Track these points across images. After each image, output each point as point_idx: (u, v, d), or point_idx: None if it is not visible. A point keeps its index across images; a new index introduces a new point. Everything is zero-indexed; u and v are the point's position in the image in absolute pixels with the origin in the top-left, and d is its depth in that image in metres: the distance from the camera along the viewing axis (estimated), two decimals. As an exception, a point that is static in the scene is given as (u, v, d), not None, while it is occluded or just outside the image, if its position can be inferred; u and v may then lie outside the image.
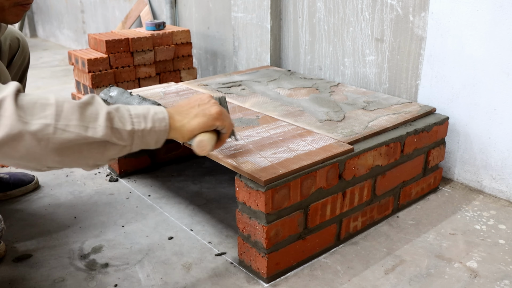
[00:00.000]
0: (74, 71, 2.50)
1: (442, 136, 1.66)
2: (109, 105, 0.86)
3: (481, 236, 1.46)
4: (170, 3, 3.13)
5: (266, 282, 1.24)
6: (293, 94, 1.81)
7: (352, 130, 1.45)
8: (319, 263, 1.32)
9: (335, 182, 1.31)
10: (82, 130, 0.80)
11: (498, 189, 1.69)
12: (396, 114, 1.60)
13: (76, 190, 1.76)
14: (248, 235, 1.24)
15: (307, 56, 2.26)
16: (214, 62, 2.97)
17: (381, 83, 1.96)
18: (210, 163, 1.95)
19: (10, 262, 1.33)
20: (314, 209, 1.28)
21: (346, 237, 1.42)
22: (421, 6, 1.74)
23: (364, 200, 1.43)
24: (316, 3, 2.14)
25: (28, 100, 0.78)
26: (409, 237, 1.45)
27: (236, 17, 2.49)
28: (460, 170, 1.79)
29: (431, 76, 1.77)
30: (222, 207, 1.63)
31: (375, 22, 1.92)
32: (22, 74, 1.65)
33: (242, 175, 1.20)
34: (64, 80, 3.45)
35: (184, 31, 2.62)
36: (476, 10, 1.59)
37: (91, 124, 0.82)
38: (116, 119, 0.85)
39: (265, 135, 1.40)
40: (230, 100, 1.72)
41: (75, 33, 4.59)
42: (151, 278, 1.26)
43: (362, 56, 2.00)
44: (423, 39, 1.77)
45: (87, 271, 1.30)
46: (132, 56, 2.44)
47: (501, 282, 1.25)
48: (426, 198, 1.69)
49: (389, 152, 1.45)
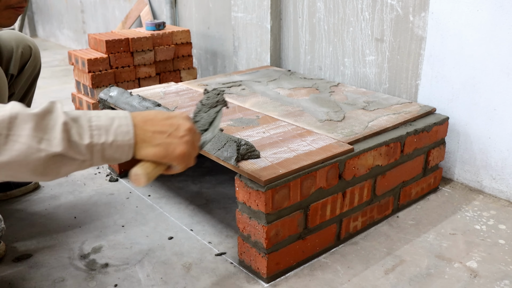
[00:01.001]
0: (74, 71, 2.50)
1: (442, 136, 1.66)
2: (71, 113, 0.78)
3: (481, 236, 1.46)
4: (170, 3, 3.13)
5: (266, 282, 1.24)
6: (293, 94, 1.81)
7: (352, 130, 1.45)
8: (319, 263, 1.32)
9: (335, 182, 1.31)
10: (35, 142, 0.72)
11: (498, 189, 1.69)
12: (396, 114, 1.60)
13: (76, 190, 1.76)
14: (248, 235, 1.24)
15: (307, 56, 2.26)
16: (214, 62, 2.97)
17: (381, 83, 1.96)
18: (210, 163, 1.95)
19: (10, 262, 1.33)
20: (314, 209, 1.28)
21: (346, 237, 1.42)
22: (421, 6, 1.74)
23: (364, 200, 1.43)
24: (316, 3, 2.14)
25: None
26: (409, 237, 1.45)
27: (236, 17, 2.49)
28: (460, 170, 1.79)
29: (431, 76, 1.77)
30: (222, 207, 1.63)
31: (375, 22, 1.92)
32: (31, 82, 1.66)
33: (242, 175, 1.20)
34: (64, 80, 3.45)
35: (184, 31, 2.62)
36: (476, 10, 1.59)
37: (46, 135, 0.74)
38: (73, 131, 0.76)
39: (265, 135, 1.40)
40: (230, 100, 1.72)
41: (75, 33, 4.59)
42: (151, 278, 1.26)
43: (362, 56, 2.00)
44: (423, 39, 1.77)
45: (87, 271, 1.30)
46: (132, 56, 2.44)
47: (501, 282, 1.25)
48: (426, 198, 1.69)
49: (389, 152, 1.45)
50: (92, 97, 2.38)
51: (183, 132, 0.84)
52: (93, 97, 2.38)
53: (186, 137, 0.84)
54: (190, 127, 0.86)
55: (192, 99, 1.73)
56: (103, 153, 0.79)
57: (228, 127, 1.45)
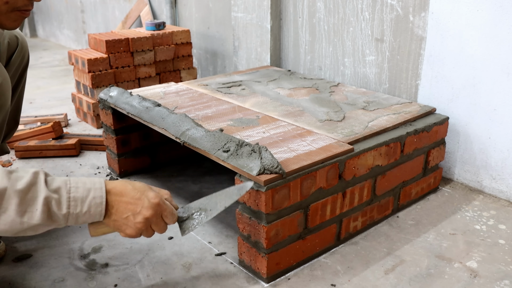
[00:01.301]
0: (74, 71, 2.50)
1: (442, 136, 1.66)
2: (53, 183, 0.91)
3: (481, 236, 1.46)
4: (170, 3, 3.13)
5: (266, 282, 1.24)
6: (293, 94, 1.81)
7: (352, 130, 1.45)
8: (319, 263, 1.32)
9: (335, 182, 1.31)
10: (19, 216, 0.87)
11: (498, 189, 1.69)
12: (396, 114, 1.60)
13: (76, 190, 1.76)
14: (248, 235, 1.24)
15: (307, 56, 2.26)
16: (214, 62, 2.97)
17: (381, 83, 1.96)
18: (210, 163, 1.95)
19: (10, 262, 1.33)
20: (314, 209, 1.28)
21: (346, 237, 1.42)
22: (421, 6, 1.74)
23: (364, 200, 1.43)
24: (316, 3, 2.14)
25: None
26: (409, 237, 1.45)
27: (236, 17, 2.49)
28: (460, 170, 1.79)
29: (431, 76, 1.77)
30: (222, 207, 1.63)
31: (375, 22, 1.92)
32: (21, 73, 1.65)
33: (242, 175, 1.20)
34: (64, 80, 3.45)
35: (184, 31, 2.62)
36: (476, 10, 1.59)
37: (29, 207, 0.88)
38: (53, 203, 0.89)
39: (265, 135, 1.40)
40: (230, 100, 1.72)
41: (75, 33, 4.59)
42: (151, 278, 1.26)
43: (362, 56, 2.00)
44: (423, 39, 1.77)
45: (87, 271, 1.30)
46: (132, 56, 2.44)
47: (501, 282, 1.25)
48: (426, 198, 1.69)
49: (389, 152, 1.45)
50: (92, 97, 2.38)
51: (139, 219, 0.99)
52: (93, 97, 2.38)
53: (139, 224, 0.99)
54: (149, 216, 1.00)
55: (192, 99, 1.73)
56: (77, 219, 0.93)
57: (228, 127, 1.45)
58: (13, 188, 0.87)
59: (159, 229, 1.04)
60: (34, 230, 0.91)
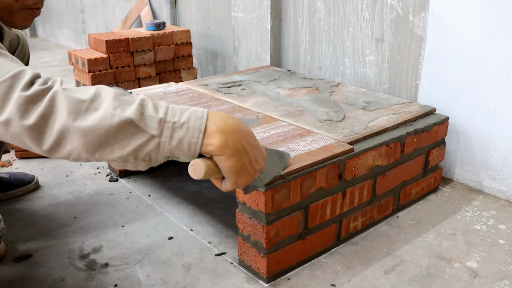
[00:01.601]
0: (74, 71, 2.50)
1: (442, 136, 1.66)
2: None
3: (481, 236, 1.46)
4: (170, 3, 3.13)
5: (266, 282, 1.24)
6: (293, 94, 1.81)
7: (352, 130, 1.45)
8: (319, 263, 1.32)
9: (335, 182, 1.31)
10: (111, 108, 0.76)
11: (498, 189, 1.69)
12: (396, 114, 1.60)
13: (76, 190, 1.76)
14: (248, 235, 1.24)
15: (307, 56, 2.26)
16: (214, 62, 2.97)
17: (381, 83, 1.96)
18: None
19: (10, 262, 1.33)
20: (314, 209, 1.28)
21: (346, 237, 1.42)
22: (421, 6, 1.74)
23: (364, 200, 1.43)
24: (316, 3, 2.14)
25: (73, 91, 0.80)
26: (409, 237, 1.45)
27: (236, 17, 2.49)
28: (460, 170, 1.79)
29: (431, 76, 1.77)
30: (222, 207, 1.63)
31: (375, 22, 1.92)
32: None
33: (242, 175, 1.20)
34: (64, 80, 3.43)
35: (184, 31, 2.62)
36: (476, 10, 1.59)
37: (123, 105, 0.77)
38: (149, 106, 0.79)
39: (265, 135, 1.40)
40: (230, 100, 1.72)
41: (75, 33, 4.59)
42: (151, 278, 1.26)
43: (362, 56, 2.00)
44: (423, 39, 1.77)
45: (87, 271, 1.30)
46: (132, 56, 2.44)
47: (501, 282, 1.25)
48: (426, 198, 1.69)
49: (389, 152, 1.45)
50: (92, 97, 2.38)
51: (257, 167, 0.87)
52: (93, 97, 2.37)
53: (256, 173, 0.87)
54: (261, 167, 0.88)
55: (192, 99, 1.73)
56: (173, 132, 0.78)
57: (228, 127, 1.45)
58: (110, 89, 0.80)
59: (259, 168, 0.89)
60: (125, 136, 0.76)
